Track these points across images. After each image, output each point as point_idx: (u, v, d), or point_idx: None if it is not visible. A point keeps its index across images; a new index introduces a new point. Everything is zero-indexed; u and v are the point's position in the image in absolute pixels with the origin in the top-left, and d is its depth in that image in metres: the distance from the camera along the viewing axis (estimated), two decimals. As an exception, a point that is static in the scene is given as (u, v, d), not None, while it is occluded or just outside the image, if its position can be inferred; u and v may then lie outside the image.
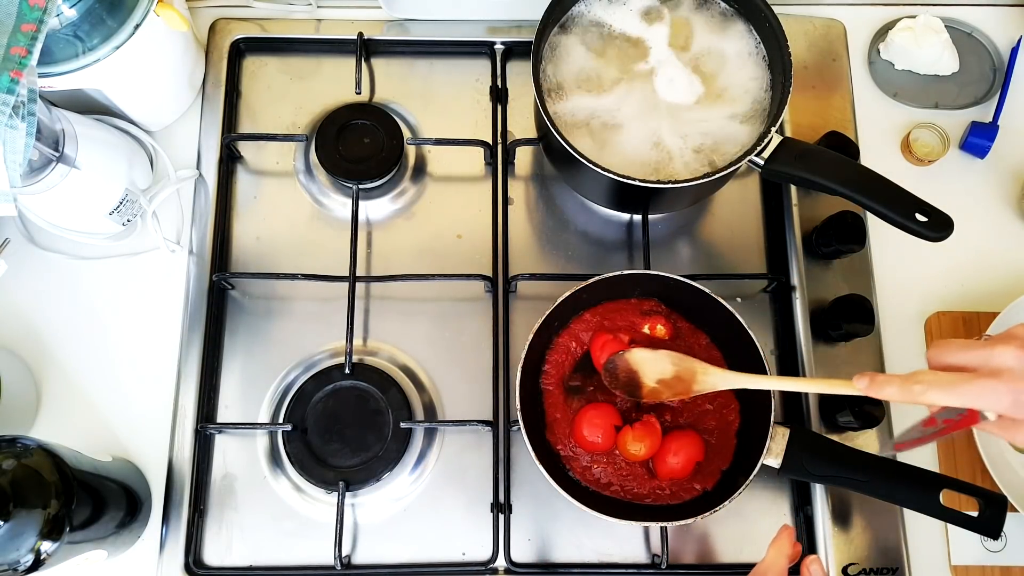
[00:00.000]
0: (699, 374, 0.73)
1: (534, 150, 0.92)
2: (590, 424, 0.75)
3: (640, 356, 0.74)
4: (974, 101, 0.95)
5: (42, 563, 0.62)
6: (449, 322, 0.87)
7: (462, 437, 0.84)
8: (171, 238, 0.88)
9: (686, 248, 0.90)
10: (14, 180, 0.65)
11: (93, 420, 0.83)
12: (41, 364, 0.84)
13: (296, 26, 0.95)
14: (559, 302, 0.77)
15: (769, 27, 0.78)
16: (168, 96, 0.89)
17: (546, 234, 0.90)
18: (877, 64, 0.96)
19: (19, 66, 0.65)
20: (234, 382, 0.85)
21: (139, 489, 0.79)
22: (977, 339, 0.61)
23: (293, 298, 0.87)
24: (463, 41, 0.95)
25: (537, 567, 0.80)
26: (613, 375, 0.74)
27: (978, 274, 0.90)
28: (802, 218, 0.88)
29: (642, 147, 0.78)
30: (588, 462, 0.76)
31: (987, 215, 0.91)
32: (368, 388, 0.82)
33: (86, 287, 0.86)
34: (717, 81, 0.80)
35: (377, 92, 0.94)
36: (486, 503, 0.81)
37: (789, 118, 0.91)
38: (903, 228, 0.71)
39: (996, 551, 0.80)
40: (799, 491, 0.83)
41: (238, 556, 0.80)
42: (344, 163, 0.87)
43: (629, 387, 0.74)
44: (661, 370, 0.74)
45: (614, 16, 0.82)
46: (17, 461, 0.63)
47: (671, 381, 0.73)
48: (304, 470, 0.79)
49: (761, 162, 0.75)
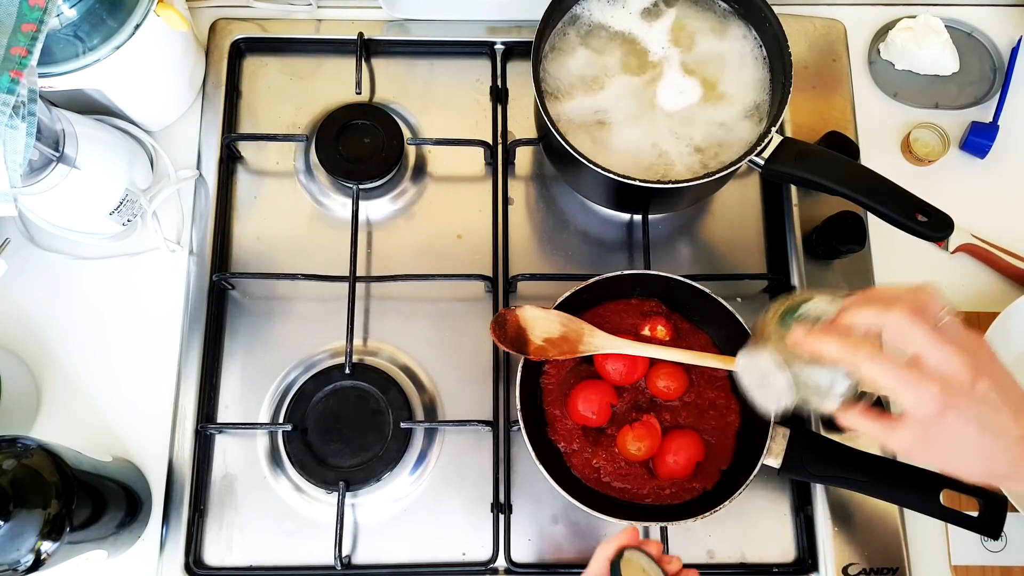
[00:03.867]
0: (585, 335, 0.76)
1: (534, 150, 0.92)
2: (586, 400, 0.76)
3: (530, 314, 0.76)
4: (974, 101, 0.95)
5: (42, 563, 0.62)
6: (449, 322, 0.87)
7: (462, 437, 0.84)
8: (171, 238, 0.88)
9: (686, 248, 0.90)
10: (14, 180, 0.65)
11: (93, 420, 0.83)
12: (41, 364, 0.84)
13: (296, 26, 0.95)
14: (559, 302, 0.77)
15: (769, 27, 0.78)
16: (168, 96, 0.89)
17: (546, 234, 0.90)
18: (877, 64, 0.96)
19: (19, 66, 0.65)
20: (234, 382, 0.85)
21: (139, 489, 0.79)
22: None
23: (293, 298, 0.87)
24: (463, 41, 0.95)
25: (537, 567, 0.80)
26: (502, 329, 0.75)
27: (978, 274, 0.90)
28: (802, 218, 0.88)
29: (642, 147, 0.78)
30: (588, 454, 0.77)
31: (987, 215, 0.91)
32: (368, 388, 0.82)
33: (86, 287, 0.86)
34: (717, 81, 0.80)
35: (377, 92, 0.94)
36: (486, 503, 0.81)
37: (789, 118, 0.91)
38: (903, 228, 0.72)
39: (996, 551, 0.80)
40: (799, 491, 0.83)
41: (238, 556, 0.80)
42: (344, 163, 0.87)
43: (517, 343, 0.75)
44: (549, 329, 0.76)
45: (614, 16, 0.82)
46: (17, 461, 0.63)
47: (558, 340, 0.75)
48: (304, 470, 0.79)
49: (761, 162, 0.75)
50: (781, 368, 0.57)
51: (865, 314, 0.54)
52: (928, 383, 0.51)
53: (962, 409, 0.51)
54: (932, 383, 0.51)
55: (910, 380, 0.51)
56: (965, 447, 0.52)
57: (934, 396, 0.51)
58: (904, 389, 0.52)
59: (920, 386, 0.51)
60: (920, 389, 0.51)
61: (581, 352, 0.76)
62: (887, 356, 0.52)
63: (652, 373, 0.78)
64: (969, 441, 0.52)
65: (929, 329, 0.51)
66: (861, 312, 0.54)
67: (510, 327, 0.75)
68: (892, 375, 0.52)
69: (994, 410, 0.51)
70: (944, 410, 0.51)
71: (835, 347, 0.53)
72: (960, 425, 0.51)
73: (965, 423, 0.51)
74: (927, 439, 0.53)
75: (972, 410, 0.51)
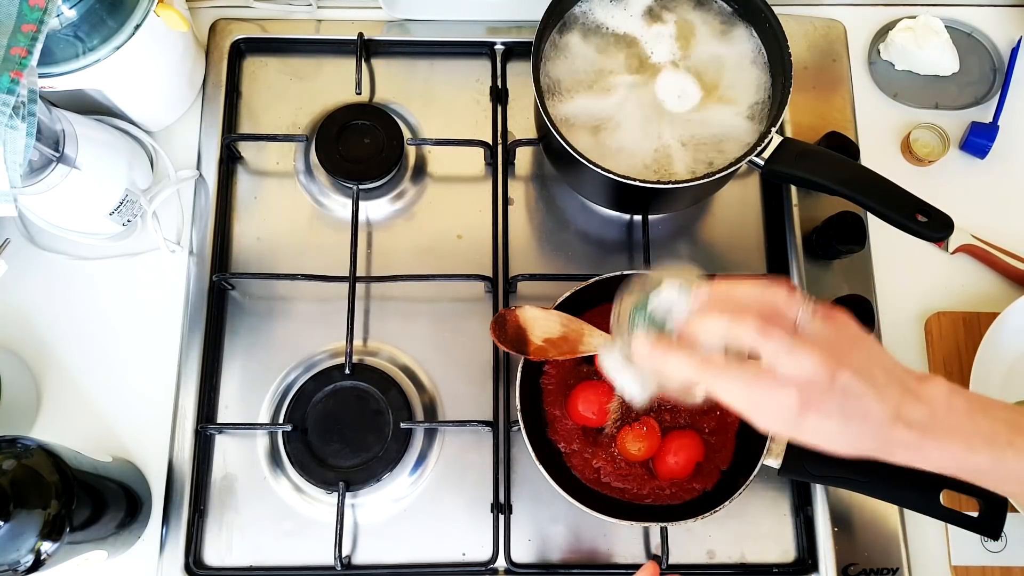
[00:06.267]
0: (585, 335, 0.75)
1: (534, 150, 0.92)
2: (586, 400, 0.76)
3: (530, 314, 0.75)
4: (974, 101, 0.95)
5: (42, 563, 0.62)
6: (449, 322, 0.87)
7: (462, 437, 0.84)
8: (171, 238, 0.88)
9: (686, 248, 0.90)
10: (14, 180, 0.65)
11: (93, 420, 0.83)
12: (41, 364, 0.84)
13: (296, 26, 0.95)
14: (559, 302, 0.77)
15: (769, 28, 0.78)
16: (168, 96, 0.89)
17: (546, 234, 0.90)
18: (877, 64, 0.96)
19: (19, 66, 0.65)
20: (234, 382, 0.85)
21: (139, 489, 0.79)
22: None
23: (293, 298, 0.87)
24: (463, 41, 0.95)
25: (537, 567, 0.80)
26: (502, 330, 0.75)
27: (978, 274, 0.90)
28: (802, 218, 0.88)
29: (642, 147, 0.78)
30: (588, 455, 0.77)
31: (987, 215, 0.91)
32: (368, 388, 0.82)
33: (86, 287, 0.86)
34: (717, 82, 0.80)
35: (377, 92, 0.94)
36: (486, 503, 0.81)
37: (789, 118, 0.91)
38: (903, 228, 0.72)
39: (996, 551, 0.80)
40: (799, 491, 0.83)
41: (238, 556, 0.80)
42: (344, 163, 0.87)
43: (517, 343, 0.75)
44: (549, 329, 0.75)
45: (614, 17, 0.82)
46: (17, 461, 0.63)
47: (558, 340, 0.75)
48: (304, 470, 0.79)
49: (761, 162, 0.75)
50: (633, 364, 0.57)
51: (713, 326, 0.52)
52: (781, 392, 0.50)
53: (821, 408, 0.50)
54: (786, 391, 0.49)
55: (763, 393, 0.50)
56: (829, 438, 0.51)
57: (791, 405, 0.49)
58: (758, 407, 0.51)
59: (774, 397, 0.50)
60: (774, 401, 0.50)
61: (581, 352, 0.76)
62: (735, 370, 0.51)
63: None
64: (832, 434, 0.51)
65: (779, 337, 0.49)
66: (708, 323, 0.52)
67: (510, 327, 0.75)
68: (743, 395, 0.51)
69: (856, 398, 0.50)
70: (802, 413, 0.50)
71: (681, 366, 0.52)
72: (820, 422, 0.50)
73: (825, 418, 0.50)
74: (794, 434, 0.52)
75: (833, 405, 0.50)
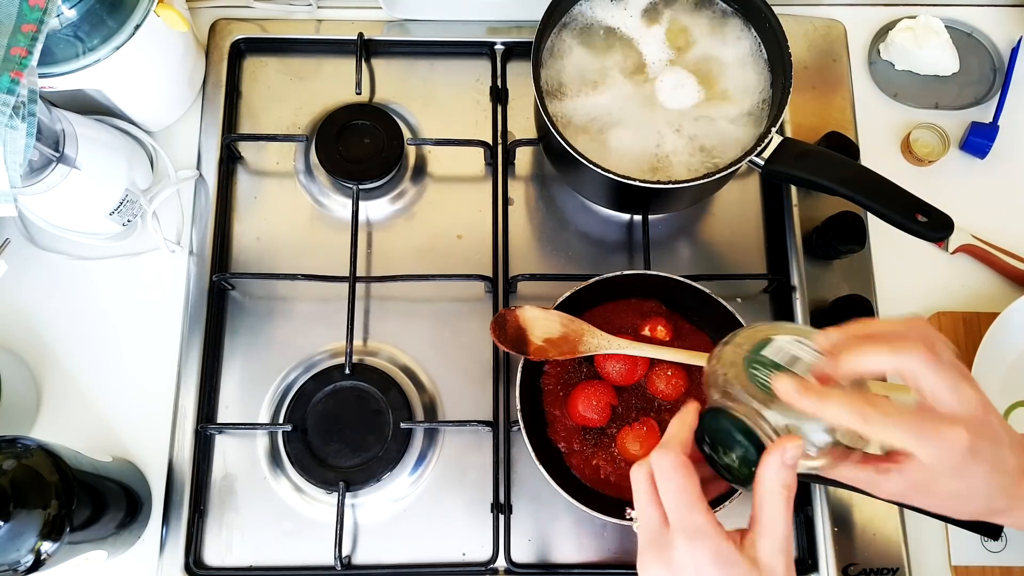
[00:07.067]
0: (585, 336, 0.76)
1: (534, 150, 0.92)
2: (586, 400, 0.76)
3: (530, 314, 0.76)
4: (974, 101, 0.95)
5: (42, 563, 0.62)
6: (449, 322, 0.87)
7: (462, 437, 0.84)
8: (171, 238, 0.88)
9: (686, 248, 0.90)
10: (14, 180, 0.65)
11: (93, 420, 0.83)
12: (41, 364, 0.84)
13: (296, 26, 0.95)
14: (559, 302, 0.77)
15: (769, 27, 0.78)
16: (168, 96, 0.89)
17: (546, 234, 0.90)
18: (877, 64, 0.96)
19: (19, 66, 0.65)
20: (234, 382, 0.85)
21: (139, 489, 0.79)
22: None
23: (293, 298, 0.87)
24: (463, 41, 0.95)
25: (537, 567, 0.80)
26: (502, 330, 0.75)
27: (978, 274, 0.90)
28: (802, 218, 0.88)
29: (642, 147, 0.78)
30: (588, 455, 0.76)
31: (987, 215, 0.91)
32: (368, 388, 0.82)
33: (86, 287, 0.86)
34: (717, 81, 0.80)
35: (377, 92, 0.94)
36: (486, 503, 0.81)
37: (789, 118, 0.91)
38: (903, 228, 0.71)
39: (996, 551, 0.80)
40: (799, 491, 0.82)
41: (238, 556, 0.80)
42: (344, 163, 0.87)
43: (517, 343, 0.75)
44: (549, 329, 0.75)
45: (614, 16, 0.82)
46: (17, 461, 0.63)
47: (558, 340, 0.75)
48: (304, 470, 0.79)
49: (761, 162, 0.75)
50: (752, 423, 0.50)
51: (873, 357, 0.46)
52: (951, 431, 0.45)
53: (980, 450, 0.45)
54: (956, 429, 0.45)
55: (931, 432, 0.45)
56: (973, 489, 0.47)
57: (960, 444, 0.45)
58: (924, 444, 0.45)
59: (943, 436, 0.45)
60: (943, 439, 0.45)
61: (581, 352, 0.76)
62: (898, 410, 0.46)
63: (652, 373, 0.78)
64: (977, 483, 0.46)
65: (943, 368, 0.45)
66: (866, 355, 0.46)
67: (510, 327, 0.75)
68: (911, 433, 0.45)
69: (999, 445, 0.46)
70: (967, 455, 0.45)
71: (842, 411, 0.46)
72: (974, 467, 0.46)
73: (979, 463, 0.46)
74: (929, 483, 0.47)
75: (988, 450, 0.46)
